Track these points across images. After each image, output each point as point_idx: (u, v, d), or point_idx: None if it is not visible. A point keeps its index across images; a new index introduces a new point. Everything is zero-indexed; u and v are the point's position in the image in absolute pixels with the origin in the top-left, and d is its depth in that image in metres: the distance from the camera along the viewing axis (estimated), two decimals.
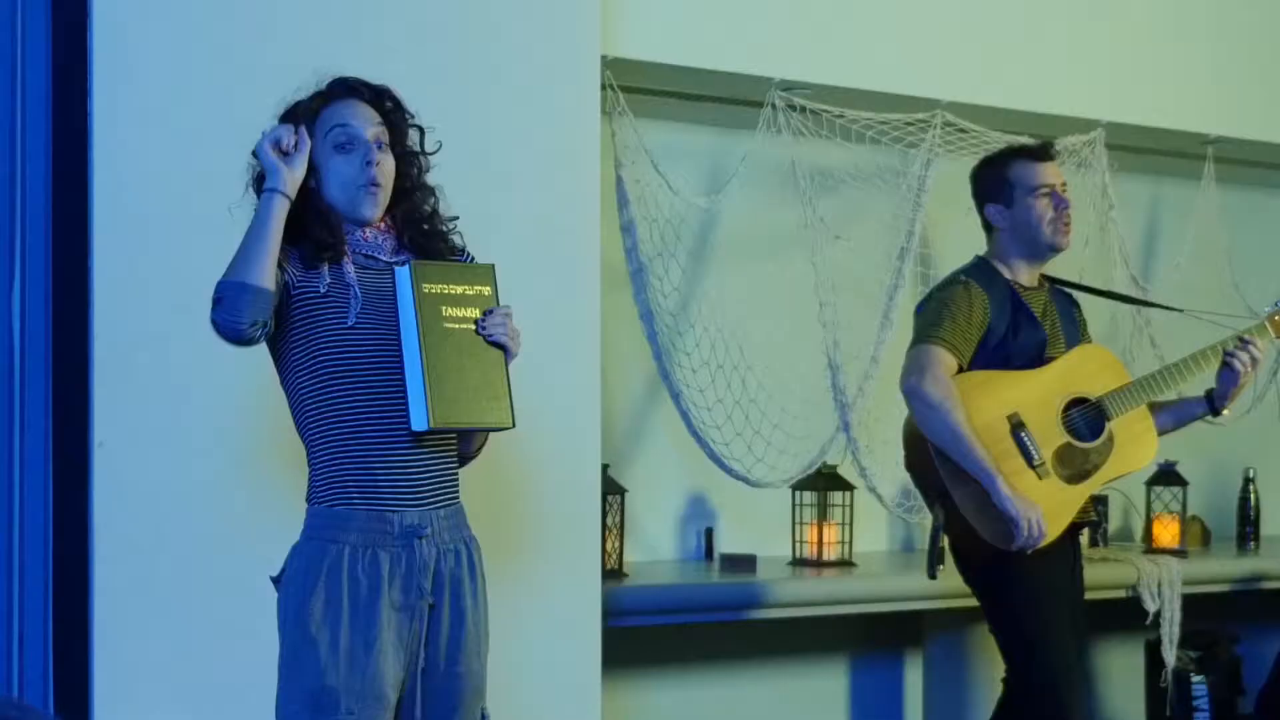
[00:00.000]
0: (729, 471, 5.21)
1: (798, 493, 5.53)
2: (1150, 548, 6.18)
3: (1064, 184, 4.53)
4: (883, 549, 6.04)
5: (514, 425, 3.28)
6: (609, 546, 5.05)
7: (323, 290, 3.18)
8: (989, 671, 5.36)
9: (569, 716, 4.53)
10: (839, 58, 5.40)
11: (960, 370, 4.34)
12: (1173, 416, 4.60)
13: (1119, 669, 6.25)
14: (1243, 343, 4.48)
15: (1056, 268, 4.66)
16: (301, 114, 3.27)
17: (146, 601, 3.98)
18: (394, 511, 3.17)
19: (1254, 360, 4.47)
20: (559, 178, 4.54)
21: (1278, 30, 6.41)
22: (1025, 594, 4.35)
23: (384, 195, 3.28)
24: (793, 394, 5.43)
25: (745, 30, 5.25)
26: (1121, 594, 5.73)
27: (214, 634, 4.07)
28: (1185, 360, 4.54)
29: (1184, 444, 4.77)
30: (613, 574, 5.06)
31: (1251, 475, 6.52)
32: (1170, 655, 5.81)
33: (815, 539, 5.55)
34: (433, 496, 3.23)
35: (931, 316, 4.39)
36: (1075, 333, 4.57)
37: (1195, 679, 6.06)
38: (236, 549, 4.10)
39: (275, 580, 3.22)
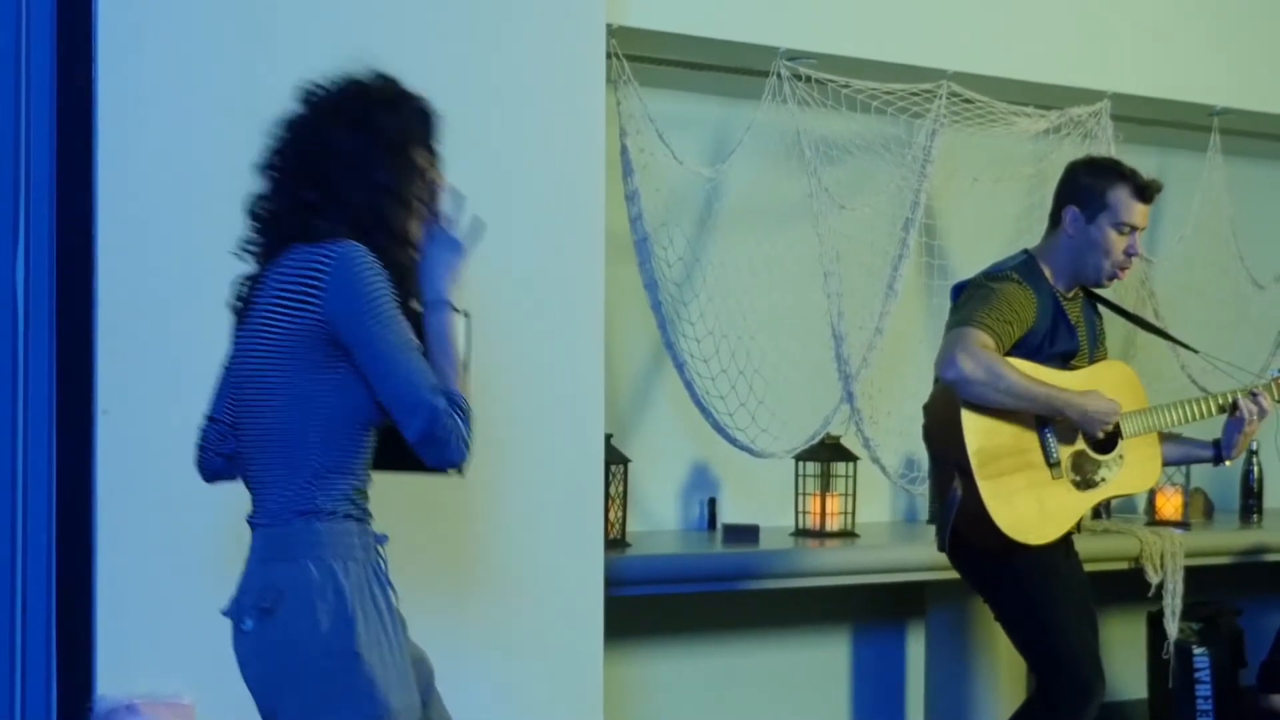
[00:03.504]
0: (732, 441, 5.21)
1: (801, 463, 5.53)
2: (1153, 520, 6.18)
3: (1144, 229, 4.51)
4: (885, 520, 6.04)
5: None
6: (612, 516, 5.04)
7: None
8: (991, 642, 5.37)
9: (571, 685, 4.54)
10: (844, 27, 5.38)
11: None
12: (1179, 452, 4.65)
13: (1121, 641, 6.26)
14: (1253, 396, 4.53)
15: None
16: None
17: (149, 570, 3.98)
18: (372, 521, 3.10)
19: (1262, 412, 4.52)
20: (564, 146, 4.53)
21: None
22: (1030, 584, 4.38)
23: None
24: (797, 364, 5.42)
25: None
26: (1124, 566, 5.73)
27: (217, 602, 4.06)
28: (1201, 400, 4.59)
29: None
30: (615, 544, 5.06)
31: (1255, 448, 6.51)
32: (1172, 627, 5.81)
33: (818, 509, 5.55)
34: None
35: (978, 303, 4.35)
36: (1096, 344, 4.59)
37: (1197, 651, 6.06)
38: (240, 518, 4.09)
39: (267, 610, 2.99)
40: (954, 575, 4.72)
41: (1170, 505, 6.19)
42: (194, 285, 4.06)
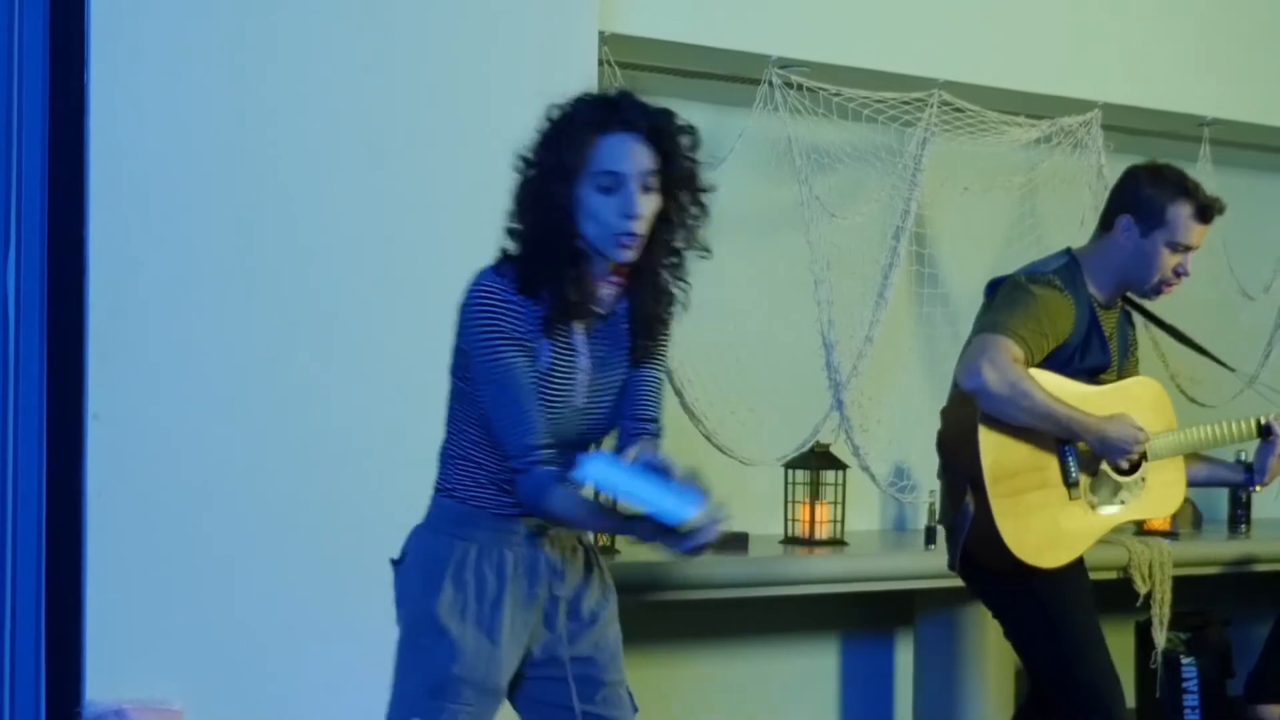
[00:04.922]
0: (721, 449, 5.20)
1: (790, 471, 5.52)
2: (1141, 529, 6.16)
3: (1198, 249, 4.29)
4: (875, 528, 6.03)
5: None
6: None
7: (544, 366, 3.11)
8: (980, 650, 5.37)
9: None
10: (836, 35, 5.39)
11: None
12: (1206, 473, 4.55)
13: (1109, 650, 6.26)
14: None
15: (1053, 241, 4.62)
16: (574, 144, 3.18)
17: (139, 574, 3.98)
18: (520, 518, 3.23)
19: None
20: None
21: (1274, 13, 6.41)
22: (1050, 608, 4.21)
23: (641, 243, 3.15)
24: (786, 372, 5.43)
25: (743, 7, 5.24)
26: (1112, 575, 5.72)
27: (206, 607, 4.07)
28: (1233, 422, 4.46)
29: None
30: (604, 551, 5.05)
31: (1243, 458, 6.50)
32: (1160, 637, 5.81)
33: (807, 518, 5.53)
34: None
35: (1013, 309, 4.10)
36: (1125, 357, 4.39)
37: (1185, 661, 6.06)
38: (229, 522, 4.10)
39: (395, 563, 3.27)
40: (943, 584, 4.71)
41: None
42: (185, 290, 4.06)
